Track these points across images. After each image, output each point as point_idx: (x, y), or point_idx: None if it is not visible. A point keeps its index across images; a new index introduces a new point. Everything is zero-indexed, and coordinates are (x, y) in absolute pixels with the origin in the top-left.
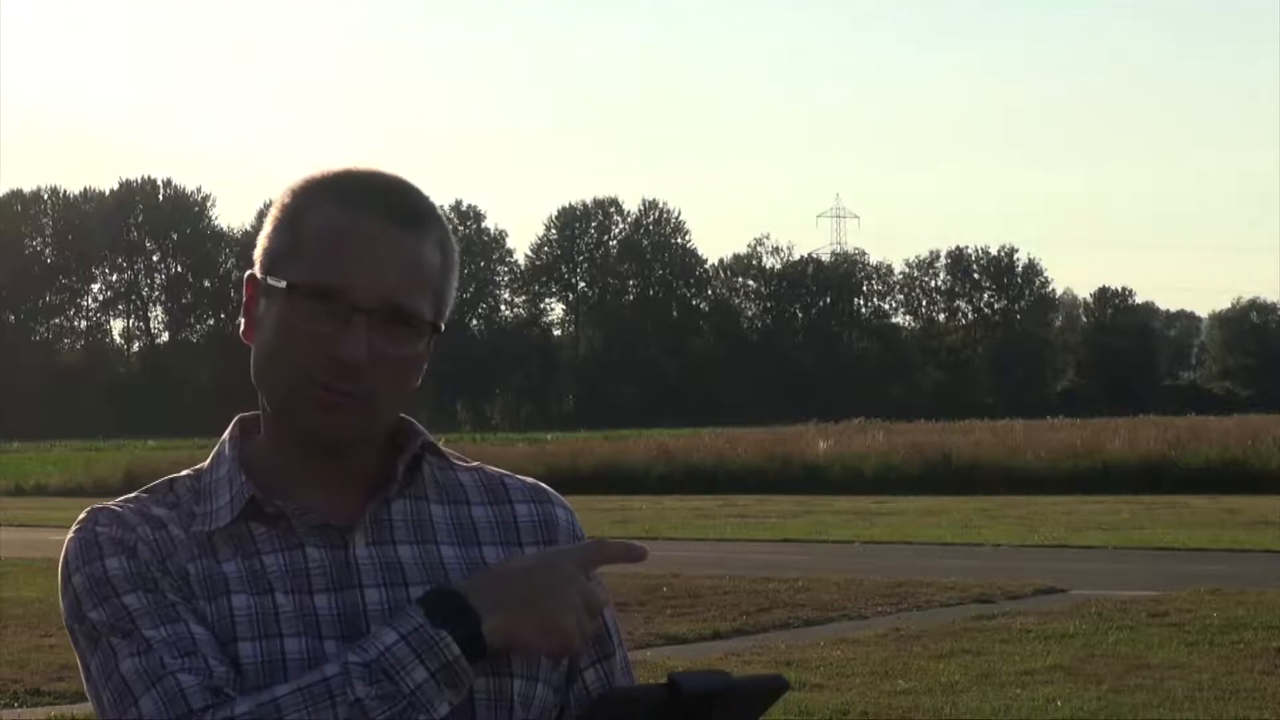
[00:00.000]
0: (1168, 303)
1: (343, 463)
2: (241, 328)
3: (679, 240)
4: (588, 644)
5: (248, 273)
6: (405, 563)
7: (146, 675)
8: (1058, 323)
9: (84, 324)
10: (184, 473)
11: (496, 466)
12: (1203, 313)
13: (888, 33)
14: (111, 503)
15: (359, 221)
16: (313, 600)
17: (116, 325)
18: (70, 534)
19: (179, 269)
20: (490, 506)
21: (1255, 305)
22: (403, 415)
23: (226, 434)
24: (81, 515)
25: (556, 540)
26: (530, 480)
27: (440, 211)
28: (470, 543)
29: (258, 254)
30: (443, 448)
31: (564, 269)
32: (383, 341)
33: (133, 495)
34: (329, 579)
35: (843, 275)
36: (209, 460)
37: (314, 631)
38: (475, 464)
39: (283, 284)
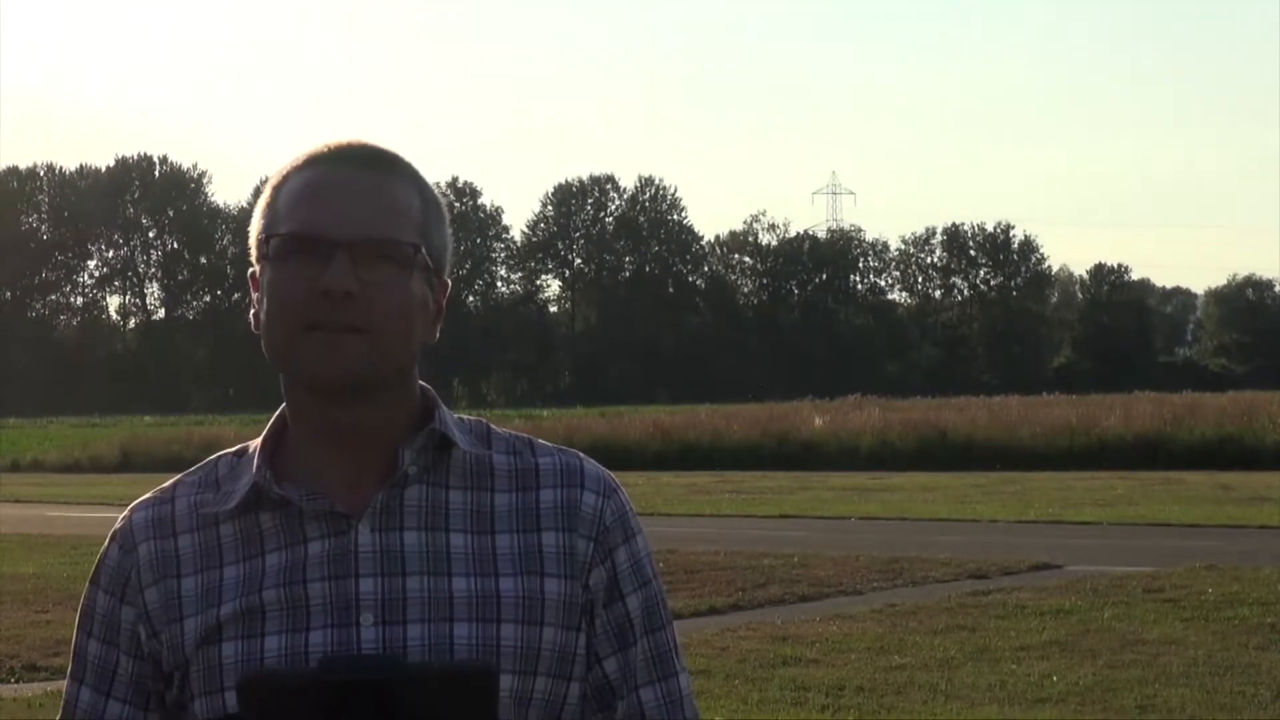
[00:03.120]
0: (1164, 279)
1: (358, 436)
2: (252, 323)
3: (675, 217)
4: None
5: (250, 271)
6: (408, 550)
7: (64, 712)
8: (1054, 299)
9: (80, 301)
10: (234, 448)
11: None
12: (1199, 289)
13: (884, 8)
14: (150, 494)
15: (325, 173)
16: (305, 590)
17: (113, 302)
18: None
19: (175, 245)
20: (515, 494)
21: (1251, 282)
22: (429, 394)
23: (278, 410)
24: (122, 514)
25: (577, 528)
26: (568, 460)
27: (416, 167)
28: (484, 531)
29: (251, 246)
30: (495, 428)
31: (560, 246)
32: (370, 274)
33: (174, 481)
34: (325, 569)
35: (839, 252)
36: (260, 436)
37: (301, 624)
38: (523, 440)
39: (264, 237)
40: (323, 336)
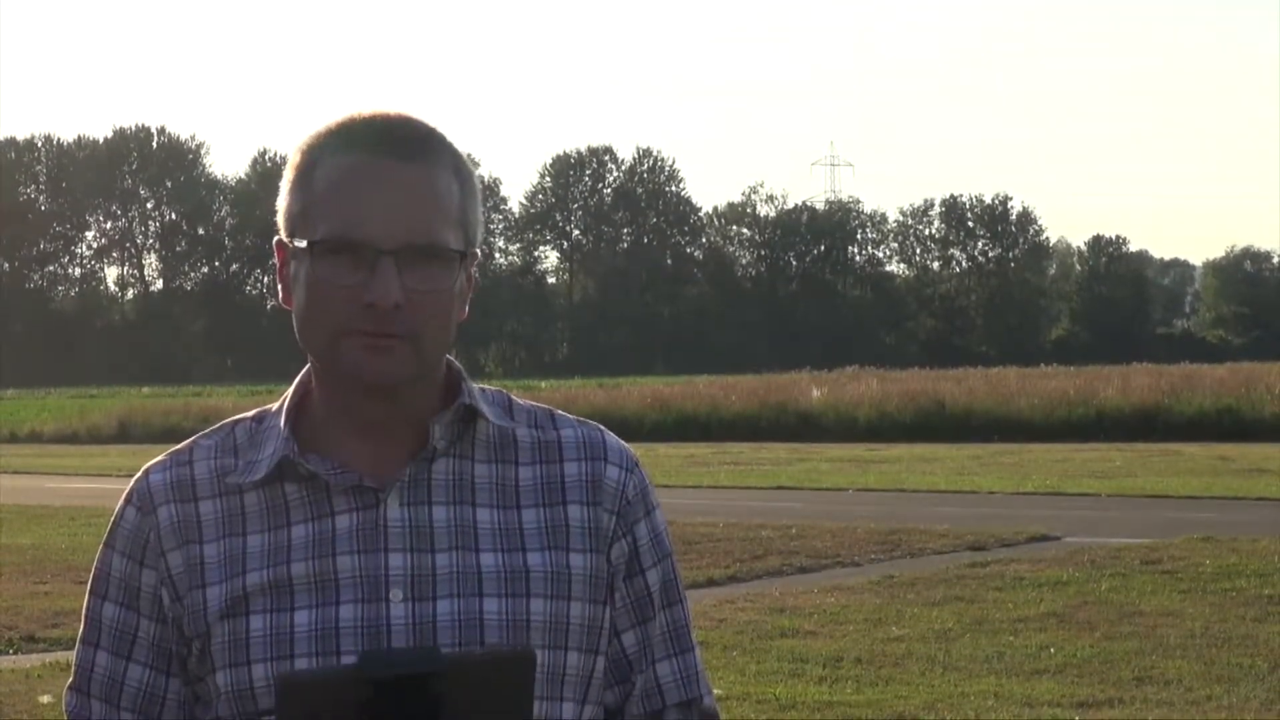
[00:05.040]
0: (1162, 251)
1: (390, 418)
2: (280, 294)
3: (673, 188)
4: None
5: (275, 238)
6: (436, 526)
7: (78, 677)
8: (1051, 271)
9: (78, 272)
10: (250, 413)
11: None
12: (1197, 261)
13: None
14: (167, 454)
15: (365, 164)
16: (334, 564)
17: (111, 273)
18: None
19: (173, 217)
20: (539, 466)
21: (1249, 253)
22: (454, 367)
23: (299, 377)
24: (136, 476)
25: (601, 502)
26: (590, 432)
27: (451, 141)
28: (510, 506)
29: (279, 218)
30: (516, 400)
31: (558, 217)
32: (415, 280)
33: (192, 441)
34: (354, 542)
35: (837, 223)
36: (278, 402)
37: (330, 599)
38: (542, 412)
39: (304, 244)
40: (367, 342)
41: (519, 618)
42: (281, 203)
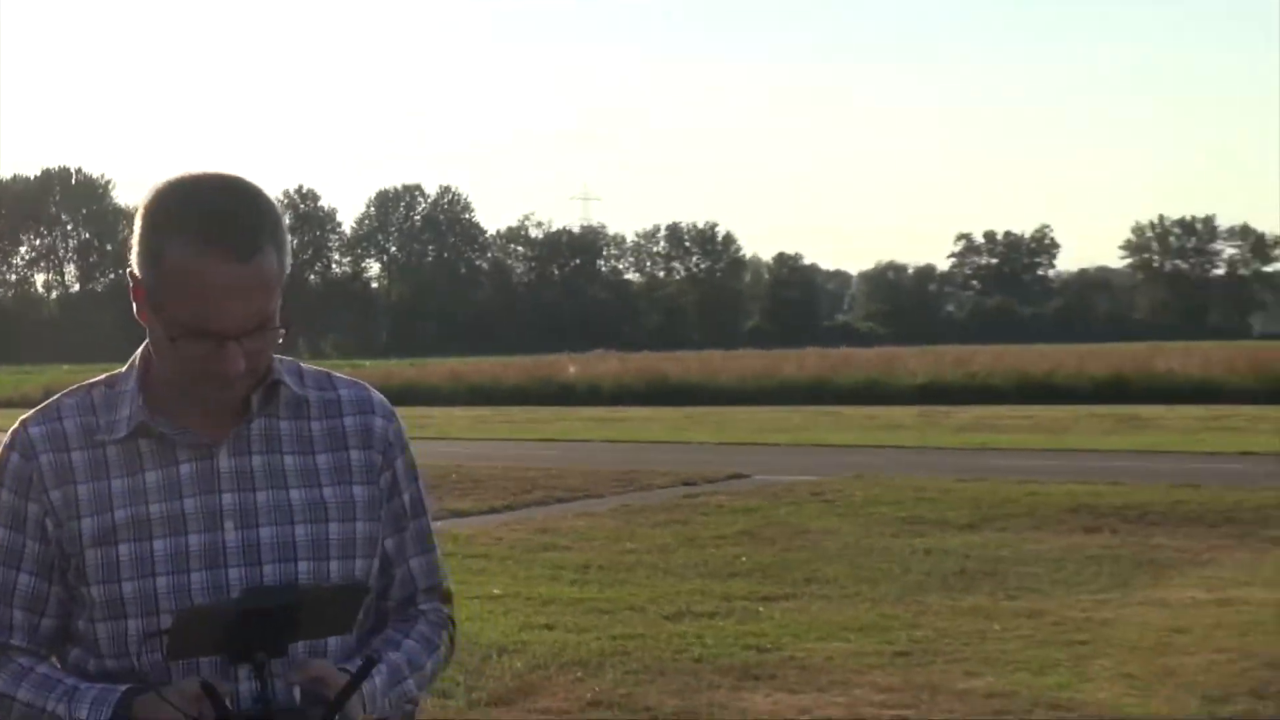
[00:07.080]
0: (828, 263)
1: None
2: (135, 313)
3: (467, 216)
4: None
5: (128, 269)
6: (256, 471)
7: None
8: (746, 279)
9: (14, 278)
10: (101, 378)
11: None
12: (853, 271)
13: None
14: (37, 411)
15: (209, 269)
16: (182, 504)
17: (39, 279)
18: (3, 443)
19: (87, 236)
20: (325, 420)
21: (891, 266)
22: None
23: (139, 351)
24: (13, 427)
25: (372, 445)
26: (360, 391)
27: (270, 200)
28: (308, 452)
29: (133, 256)
30: (303, 366)
31: (380, 238)
32: (252, 344)
33: (57, 400)
34: (196, 486)
35: (589, 243)
36: (124, 369)
37: (180, 530)
38: (324, 375)
39: (159, 331)
40: (219, 383)
41: (320, 538)
42: (135, 249)
